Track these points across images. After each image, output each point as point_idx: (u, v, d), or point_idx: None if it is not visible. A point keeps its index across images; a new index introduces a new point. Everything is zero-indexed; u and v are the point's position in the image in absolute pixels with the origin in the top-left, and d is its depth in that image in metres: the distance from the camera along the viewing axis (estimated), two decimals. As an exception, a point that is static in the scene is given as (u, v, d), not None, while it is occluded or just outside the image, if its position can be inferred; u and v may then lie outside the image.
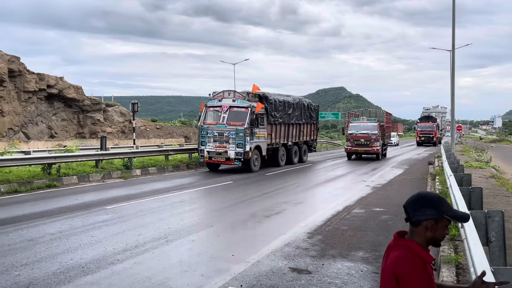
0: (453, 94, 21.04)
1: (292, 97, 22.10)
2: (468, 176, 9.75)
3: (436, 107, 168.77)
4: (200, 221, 8.46)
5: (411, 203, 2.02)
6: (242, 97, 18.04)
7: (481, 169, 18.88)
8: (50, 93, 35.01)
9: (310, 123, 23.78)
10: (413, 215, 1.98)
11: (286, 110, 20.53)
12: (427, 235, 1.96)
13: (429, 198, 2.00)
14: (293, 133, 21.58)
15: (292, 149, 21.52)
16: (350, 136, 25.52)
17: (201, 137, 18.26)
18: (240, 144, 17.15)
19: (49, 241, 6.78)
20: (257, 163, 18.18)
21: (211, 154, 17.76)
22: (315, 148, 25.53)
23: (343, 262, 5.94)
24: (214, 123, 18.02)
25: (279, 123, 19.89)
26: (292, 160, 21.40)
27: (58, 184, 13.39)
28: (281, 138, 20.28)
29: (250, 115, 17.51)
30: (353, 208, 10.06)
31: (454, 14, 19.61)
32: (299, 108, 22.14)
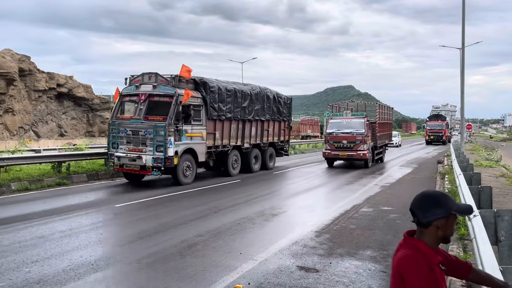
0: (462, 92, 20.86)
1: (251, 86, 17.35)
2: (478, 175, 9.67)
3: (446, 105, 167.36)
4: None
5: (418, 204, 2.00)
6: (166, 82, 13.19)
7: (491, 168, 18.70)
8: (60, 92, 35.35)
9: (278, 120, 18.77)
10: (422, 217, 1.97)
11: (239, 102, 15.83)
12: (439, 234, 1.96)
13: (435, 197, 1.99)
14: (252, 132, 16.89)
15: (251, 153, 16.94)
16: (329, 137, 19.97)
17: (111, 136, 13.47)
18: (160, 147, 12.48)
19: (59, 239, 6.86)
20: (189, 172, 13.43)
21: (123, 161, 12.97)
22: (287, 151, 20.61)
23: (350, 260, 5.94)
24: (128, 117, 13.36)
25: (228, 118, 15.25)
26: (251, 167, 16.91)
27: (68, 182, 13.52)
28: (232, 139, 15.65)
29: (175, 106, 12.71)
30: (361, 207, 10.03)
31: (464, 11, 19.44)
32: (261, 100, 17.37)
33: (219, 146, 14.95)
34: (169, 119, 12.51)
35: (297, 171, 18.33)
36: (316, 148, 35.42)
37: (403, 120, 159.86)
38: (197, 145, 13.80)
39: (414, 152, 34.52)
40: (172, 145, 12.56)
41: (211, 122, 14.43)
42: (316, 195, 12.31)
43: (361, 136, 19.14)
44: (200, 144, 13.95)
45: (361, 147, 19.10)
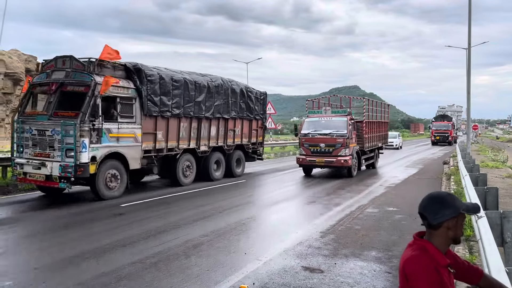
0: (469, 92, 20.75)
1: (210, 77, 14.39)
2: (484, 176, 9.62)
3: (452, 105, 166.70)
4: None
5: (426, 207, 2.00)
6: (82, 67, 10.38)
7: (497, 169, 18.59)
8: (66, 92, 35.53)
9: (248, 118, 16.07)
10: (433, 219, 1.96)
11: (192, 95, 12.95)
12: (449, 234, 1.96)
13: (443, 198, 1.99)
14: (212, 132, 14.09)
15: (210, 158, 14.18)
16: (304, 139, 16.22)
17: (16, 137, 10.68)
18: (70, 151, 9.70)
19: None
20: (115, 184, 10.63)
21: (26, 169, 10.25)
22: (260, 155, 17.85)
23: (355, 261, 5.93)
24: (36, 113, 10.79)
25: (176, 115, 12.40)
26: (211, 175, 14.19)
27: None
28: (182, 141, 12.81)
29: (92, 98, 10.02)
30: (366, 208, 10.01)
31: (470, 11, 19.34)
32: (223, 94, 14.48)
33: (163, 149, 12.15)
34: (82, 115, 9.76)
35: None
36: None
37: (409, 121, 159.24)
38: (127, 149, 10.92)
39: (419, 152, 34.37)
40: (87, 149, 9.75)
41: (150, 120, 11.66)
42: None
43: (342, 138, 15.48)
44: (131, 147, 11.08)
45: (342, 151, 15.51)
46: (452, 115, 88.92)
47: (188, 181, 13.29)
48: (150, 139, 11.77)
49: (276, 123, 35.99)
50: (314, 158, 15.87)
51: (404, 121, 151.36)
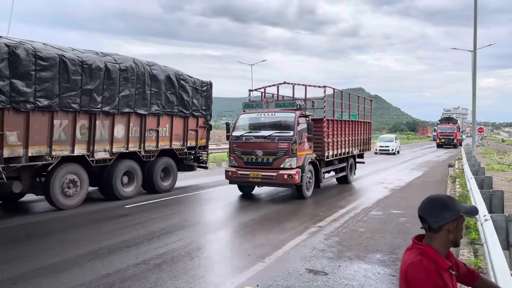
0: (474, 95, 20.65)
1: (113, 57, 10.72)
2: (489, 179, 9.58)
3: (457, 108, 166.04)
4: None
5: (427, 210, 2.00)
6: None
7: (503, 172, 18.48)
8: (71, 94, 35.61)
9: (181, 115, 12.66)
10: (433, 222, 1.96)
11: (76, 81, 9.39)
12: (450, 237, 1.95)
13: (443, 201, 1.99)
14: (117, 133, 10.63)
15: (115, 168, 10.72)
16: (235, 144, 11.48)
17: None
18: None
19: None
20: None
21: None
22: (204, 162, 14.20)
23: (360, 264, 5.91)
24: None
25: (42, 108, 8.82)
26: (116, 190, 10.70)
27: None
28: (58, 145, 9.28)
29: None
30: (371, 210, 9.98)
31: (476, 14, 19.26)
32: (136, 81, 10.91)
33: (21, 157, 8.51)
34: None
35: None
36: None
37: (414, 123, 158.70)
38: None
39: (424, 155, 34.24)
40: None
41: None
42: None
43: (287, 143, 10.81)
44: None
45: (286, 162, 10.79)
46: (457, 117, 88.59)
47: (71, 203, 9.52)
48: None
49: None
50: (248, 172, 11.05)
51: (409, 124, 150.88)
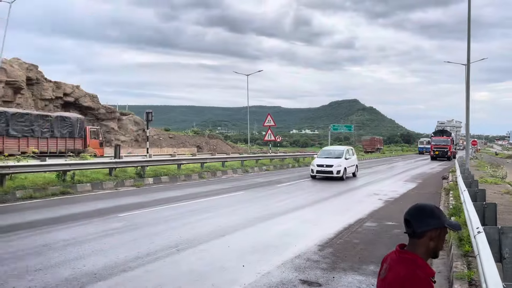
0: (468, 108, 20.84)
1: None
2: (483, 191, 9.62)
3: (451, 121, 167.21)
4: (212, 231, 8.48)
5: (414, 214, 2.04)
6: None
7: (496, 184, 18.58)
8: (66, 101, 35.67)
9: None
10: (418, 226, 1.99)
11: None
12: (431, 245, 1.98)
13: (430, 209, 2.03)
14: None
15: None
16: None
17: None
18: None
19: (62, 247, 6.88)
20: None
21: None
22: None
23: (353, 275, 5.90)
24: None
25: None
26: None
27: (72, 191, 13.57)
28: None
29: None
30: (365, 222, 9.99)
31: (469, 28, 19.53)
32: None
33: None
34: None
35: None
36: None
37: (408, 135, 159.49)
38: None
39: (419, 167, 34.39)
40: None
41: None
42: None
43: None
44: None
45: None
46: (451, 130, 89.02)
47: None
48: None
49: (275, 135, 36.10)
50: None
51: (403, 136, 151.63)
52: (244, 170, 24.64)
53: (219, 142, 50.34)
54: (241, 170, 24.45)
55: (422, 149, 71.94)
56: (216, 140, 51.00)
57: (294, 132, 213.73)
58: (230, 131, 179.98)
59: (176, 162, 20.66)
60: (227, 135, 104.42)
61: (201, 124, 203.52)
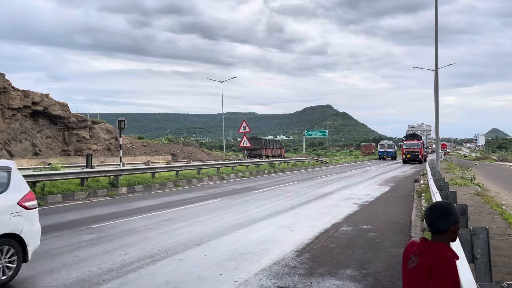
0: (437, 112, 21.42)
1: None
2: (453, 193, 9.87)
3: (421, 125, 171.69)
4: (188, 240, 8.37)
5: (435, 216, 2.34)
6: None
7: (465, 186, 19.13)
8: (35, 110, 34.65)
9: None
10: (442, 225, 2.32)
11: None
12: (452, 236, 2.33)
13: (445, 207, 2.36)
14: None
15: None
16: None
17: None
18: None
19: (32, 261, 6.62)
20: None
21: None
22: None
23: (331, 280, 5.93)
24: None
25: None
26: None
27: (42, 203, 13.14)
28: None
29: None
30: (341, 226, 10.07)
31: (437, 35, 20.13)
32: None
33: None
34: None
35: None
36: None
37: (381, 139, 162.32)
38: None
39: (391, 171, 35.08)
40: None
41: None
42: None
43: None
44: None
45: None
46: (421, 134, 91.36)
47: None
48: None
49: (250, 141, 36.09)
50: None
51: (375, 140, 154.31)
52: (220, 177, 24.51)
53: (194, 150, 49.93)
54: (217, 177, 24.31)
55: (382, 154, 62.94)
56: (191, 148, 50.57)
57: (270, 138, 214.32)
58: (205, 138, 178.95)
59: (151, 171, 20.34)
60: (202, 142, 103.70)
61: (175, 131, 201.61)
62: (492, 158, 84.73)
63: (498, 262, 6.50)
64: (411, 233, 9.34)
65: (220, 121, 47.42)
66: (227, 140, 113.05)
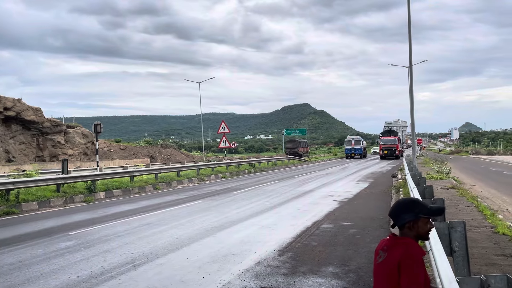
0: (412, 108, 21.82)
1: None
2: (430, 188, 10.07)
3: (397, 121, 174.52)
4: (169, 244, 8.26)
5: (392, 211, 2.40)
6: None
7: (441, 180, 19.55)
8: (7, 116, 33.68)
9: None
10: (395, 221, 2.38)
11: None
12: (412, 234, 2.33)
13: (404, 204, 2.38)
14: None
15: None
16: None
17: None
18: None
19: (7, 272, 6.43)
20: None
21: None
22: None
23: (314, 278, 5.95)
24: None
25: None
26: None
27: (16, 211, 12.78)
28: None
29: None
30: (322, 223, 10.14)
31: (410, 33, 20.49)
32: None
33: None
34: None
35: None
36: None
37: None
38: None
39: (369, 167, 35.56)
40: None
41: None
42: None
43: None
44: None
45: None
46: (398, 130, 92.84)
47: None
48: None
49: (230, 142, 36.03)
50: None
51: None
52: (200, 178, 24.35)
53: (173, 152, 49.45)
54: (197, 179, 24.15)
55: (349, 151, 56.98)
56: (170, 150, 50.06)
57: (249, 138, 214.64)
58: (184, 140, 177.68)
59: (129, 175, 20.04)
60: (181, 144, 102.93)
61: (153, 133, 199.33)
62: (466, 152, 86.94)
63: (475, 254, 6.65)
64: (390, 229, 9.48)
65: (198, 122, 47.06)
66: (207, 141, 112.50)
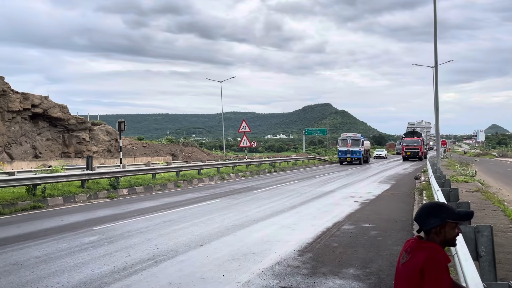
0: (437, 109, 21.39)
1: None
2: (455, 190, 9.84)
3: (421, 122, 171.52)
4: (189, 241, 8.34)
5: (418, 216, 2.35)
6: None
7: (466, 183, 19.10)
8: (34, 113, 34.64)
9: None
10: (421, 226, 2.33)
11: None
12: (438, 239, 2.29)
13: (430, 208, 2.33)
14: None
15: None
16: None
17: None
18: None
19: (34, 265, 6.61)
20: None
21: None
22: None
23: (334, 279, 5.90)
24: None
25: None
26: None
27: (43, 205, 13.12)
28: None
29: None
30: (343, 225, 10.05)
31: (436, 32, 20.09)
32: None
33: None
34: None
35: None
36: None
37: (381, 137, 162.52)
38: None
39: (391, 168, 35.06)
40: None
41: None
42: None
43: None
44: None
45: None
46: (421, 131, 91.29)
47: None
48: None
49: (250, 141, 36.10)
50: None
51: (375, 138, 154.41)
52: (220, 177, 24.48)
53: (194, 150, 49.89)
54: (218, 177, 24.29)
55: (344, 155, 42.41)
56: (191, 148, 50.52)
57: (269, 137, 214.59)
58: (205, 138, 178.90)
59: (151, 172, 20.33)
60: (202, 142, 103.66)
61: (175, 132, 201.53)
62: (492, 154, 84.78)
63: (502, 259, 6.47)
64: (413, 231, 9.32)
65: (219, 121, 47.36)
66: (227, 140, 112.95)
